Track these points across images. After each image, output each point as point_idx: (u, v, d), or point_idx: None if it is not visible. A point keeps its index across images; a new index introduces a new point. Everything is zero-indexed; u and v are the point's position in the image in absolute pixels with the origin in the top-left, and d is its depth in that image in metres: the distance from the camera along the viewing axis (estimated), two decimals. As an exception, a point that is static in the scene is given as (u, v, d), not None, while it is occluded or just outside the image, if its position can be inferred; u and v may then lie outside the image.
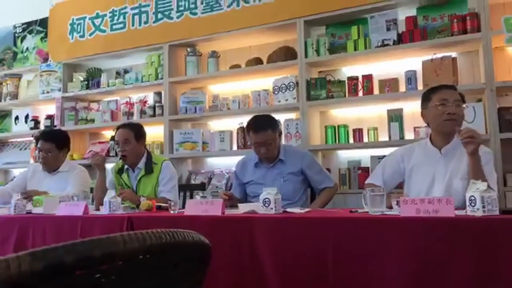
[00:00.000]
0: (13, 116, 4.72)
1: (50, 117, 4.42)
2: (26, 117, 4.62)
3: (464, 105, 2.15)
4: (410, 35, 3.13)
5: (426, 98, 2.22)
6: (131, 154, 2.80)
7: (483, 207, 1.49)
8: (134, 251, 0.48)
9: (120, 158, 2.83)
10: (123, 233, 0.48)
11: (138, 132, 2.84)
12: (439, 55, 3.08)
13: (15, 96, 4.76)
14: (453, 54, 3.11)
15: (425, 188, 2.13)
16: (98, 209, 2.55)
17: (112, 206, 2.21)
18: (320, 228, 1.66)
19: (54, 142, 3.01)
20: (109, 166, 4.40)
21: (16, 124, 4.69)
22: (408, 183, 2.23)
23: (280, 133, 2.72)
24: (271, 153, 2.60)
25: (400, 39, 3.17)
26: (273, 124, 2.62)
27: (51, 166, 3.05)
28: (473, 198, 1.52)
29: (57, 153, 3.03)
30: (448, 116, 2.08)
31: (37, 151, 3.09)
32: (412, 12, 3.24)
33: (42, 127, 4.40)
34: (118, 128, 2.88)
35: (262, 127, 2.55)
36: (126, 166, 2.88)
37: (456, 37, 2.99)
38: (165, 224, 2.03)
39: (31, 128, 4.47)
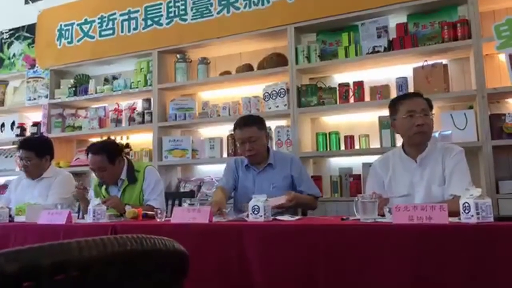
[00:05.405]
0: (-1, 123, 4.62)
1: (36, 124, 4.33)
2: (12, 124, 4.52)
3: (432, 113, 2.13)
4: (401, 42, 3.11)
5: (394, 108, 2.20)
6: (110, 177, 2.73)
7: (477, 213, 1.45)
8: (92, 260, 0.42)
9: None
10: (79, 239, 0.42)
11: (110, 153, 2.66)
12: (430, 62, 3.06)
13: (1, 102, 4.68)
14: (444, 61, 3.10)
15: (406, 197, 2.09)
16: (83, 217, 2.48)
17: (96, 215, 2.14)
18: (311, 236, 1.61)
19: (33, 150, 2.94)
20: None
21: (1, 131, 4.59)
22: (389, 193, 2.19)
23: (268, 135, 2.67)
24: (256, 152, 2.52)
25: (391, 46, 3.15)
26: (259, 122, 2.58)
27: (33, 174, 2.99)
28: (467, 204, 1.48)
29: (38, 161, 2.96)
30: (417, 128, 2.07)
31: (18, 160, 3.03)
32: (403, 19, 3.23)
33: (28, 134, 4.31)
34: (87, 152, 2.71)
35: (246, 124, 2.53)
36: None
37: (446, 44, 2.97)
38: (150, 232, 1.97)
39: (17, 135, 4.37)
